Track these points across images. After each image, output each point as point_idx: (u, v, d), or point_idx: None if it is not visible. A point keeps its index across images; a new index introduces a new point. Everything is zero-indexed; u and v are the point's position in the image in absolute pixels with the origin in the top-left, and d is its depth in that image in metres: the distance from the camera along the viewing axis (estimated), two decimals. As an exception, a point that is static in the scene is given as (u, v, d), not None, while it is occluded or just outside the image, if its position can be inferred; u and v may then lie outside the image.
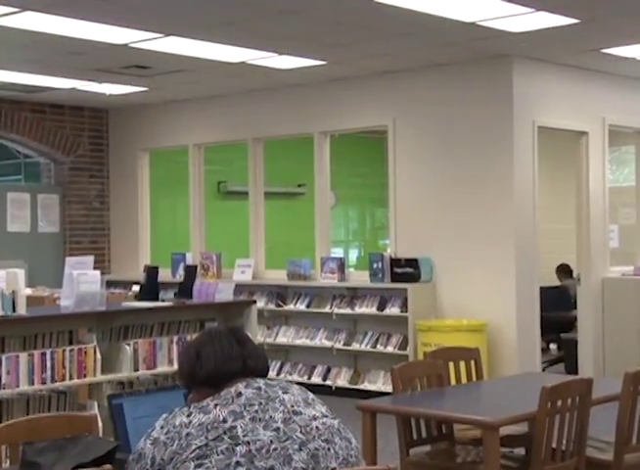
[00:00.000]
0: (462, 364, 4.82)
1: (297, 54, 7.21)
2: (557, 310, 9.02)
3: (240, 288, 8.18)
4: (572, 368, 8.30)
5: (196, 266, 6.62)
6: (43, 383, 4.84)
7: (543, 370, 8.32)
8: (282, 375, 8.44)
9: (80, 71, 7.85)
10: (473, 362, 4.86)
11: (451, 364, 4.74)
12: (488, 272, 7.44)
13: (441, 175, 7.73)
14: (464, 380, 4.80)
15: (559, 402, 3.69)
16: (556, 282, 9.97)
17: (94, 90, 8.74)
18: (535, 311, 7.53)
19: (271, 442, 2.16)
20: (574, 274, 8.58)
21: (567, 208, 10.01)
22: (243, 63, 7.46)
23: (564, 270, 10.08)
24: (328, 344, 8.15)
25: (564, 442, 3.75)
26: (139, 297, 5.95)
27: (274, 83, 8.47)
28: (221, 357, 2.33)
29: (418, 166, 7.88)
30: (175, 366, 5.34)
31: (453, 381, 4.71)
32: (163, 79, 8.22)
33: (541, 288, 7.69)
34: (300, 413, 2.25)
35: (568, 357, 8.74)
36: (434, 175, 7.78)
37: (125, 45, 6.77)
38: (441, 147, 7.73)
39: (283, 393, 2.29)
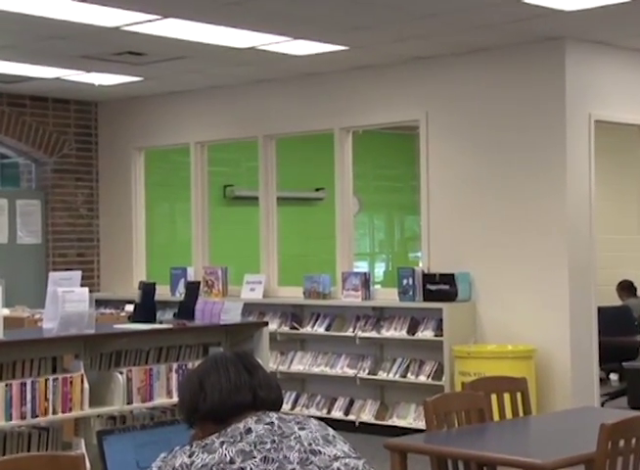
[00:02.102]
0: (506, 397, 4.80)
1: (315, 38, 7.22)
2: (618, 334, 8.96)
3: (249, 308, 8.18)
4: (637, 402, 8.24)
5: (198, 283, 6.62)
6: (22, 418, 4.85)
7: (602, 404, 8.27)
8: (297, 408, 8.43)
9: (65, 59, 7.90)
10: (519, 395, 4.84)
11: (494, 397, 4.72)
12: (537, 289, 7.40)
13: (482, 178, 7.71)
14: (509, 415, 4.78)
15: (621, 442, 3.66)
16: (617, 301, 9.92)
17: (81, 80, 8.79)
18: (593, 335, 7.49)
19: (286, 486, 2.16)
20: (639, 292, 8.53)
21: (628, 215, 9.96)
22: (252, 48, 7.48)
23: (626, 288, 10.02)
24: (350, 372, 8.14)
25: (627, 488, 3.72)
26: (133, 318, 5.96)
27: (288, 72, 8.49)
28: (228, 388, 2.33)
29: (454, 168, 7.87)
30: (175, 398, 5.34)
31: (496, 416, 4.69)
32: (161, 68, 8.26)
33: (599, 308, 7.65)
34: (320, 453, 2.25)
35: (631, 390, 8.68)
36: (472, 178, 7.76)
37: (117, 28, 6.81)
38: (482, 145, 7.72)
39: (299, 429, 2.29)
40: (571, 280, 7.30)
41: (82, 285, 5.36)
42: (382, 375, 7.98)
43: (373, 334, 8.02)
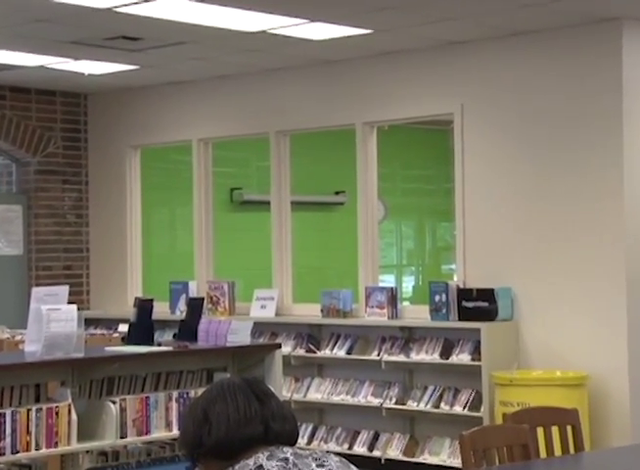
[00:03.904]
0: (555, 431, 4.78)
1: (335, 20, 7.22)
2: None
3: (260, 327, 8.18)
4: None
5: (202, 299, 6.63)
6: (1, 454, 4.85)
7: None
8: (315, 443, 8.42)
9: (50, 44, 7.93)
10: (569, 428, 4.82)
11: (540, 430, 4.70)
12: (590, 307, 7.37)
13: (525, 179, 7.69)
14: (557, 452, 4.75)
15: (687, 482, 3.63)
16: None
17: (69, 69, 8.82)
18: (653, 360, 7.45)
19: (302, 532, 2.16)
20: None
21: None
22: (263, 32, 7.49)
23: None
24: (375, 402, 8.13)
25: None
26: (127, 339, 5.97)
27: (304, 59, 8.49)
28: (236, 419, 2.33)
29: (494, 167, 7.85)
30: (175, 431, 5.34)
31: (543, 453, 4.66)
32: (159, 55, 8.28)
33: (661, 328, 7.62)
34: (341, 494, 2.24)
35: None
36: (515, 179, 7.74)
37: (109, 9, 6.83)
38: (525, 142, 7.70)
39: (317, 466, 2.29)
40: (629, 296, 7.27)
41: (70, 302, 5.37)
42: (411, 405, 7.95)
43: (401, 358, 8.00)
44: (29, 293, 5.42)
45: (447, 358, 7.80)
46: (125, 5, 6.71)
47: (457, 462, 6.97)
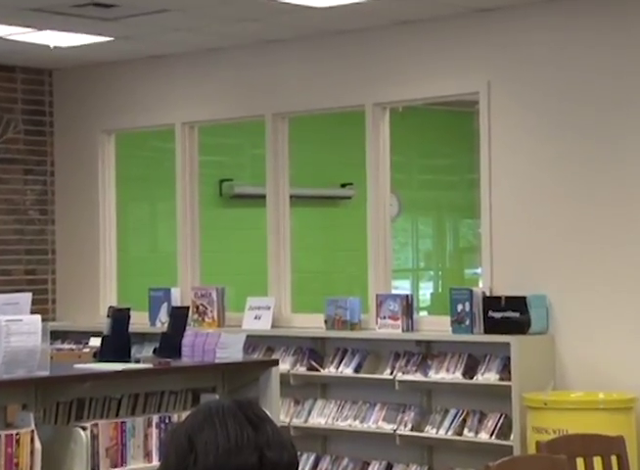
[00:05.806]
0: (597, 461, 4.78)
1: (341, -16, 7.24)
2: None
3: (253, 341, 8.18)
4: None
5: (187, 308, 6.63)
6: (-46, 487, 4.86)
7: None
8: (317, 476, 8.43)
9: (10, 12, 7.92)
10: (614, 458, 4.82)
11: (580, 461, 4.71)
12: (637, 319, 7.37)
13: (563, 169, 7.68)
14: (601, 485, 4.75)
15: None
16: None
17: (31, 41, 8.82)
18: None
19: None
20: None
21: None
22: (257, -2, 7.50)
23: None
24: (388, 428, 8.13)
25: None
26: (100, 355, 5.97)
27: (305, 30, 8.49)
28: (226, 447, 2.33)
29: (526, 155, 7.84)
30: (156, 462, 5.34)
31: (584, 487, 4.67)
32: (137, 24, 8.27)
33: None
34: None
35: None
36: (551, 169, 7.73)
37: (80, -28, 6.84)
38: (563, 126, 7.69)
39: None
40: (682, 306, 7.27)
41: (33, 312, 5.37)
42: (429, 431, 7.95)
43: (417, 377, 8.01)
44: (-14, 301, 5.41)
45: (471, 378, 7.80)
46: (98, -34, 6.72)
47: (483, 498, 6.97)
